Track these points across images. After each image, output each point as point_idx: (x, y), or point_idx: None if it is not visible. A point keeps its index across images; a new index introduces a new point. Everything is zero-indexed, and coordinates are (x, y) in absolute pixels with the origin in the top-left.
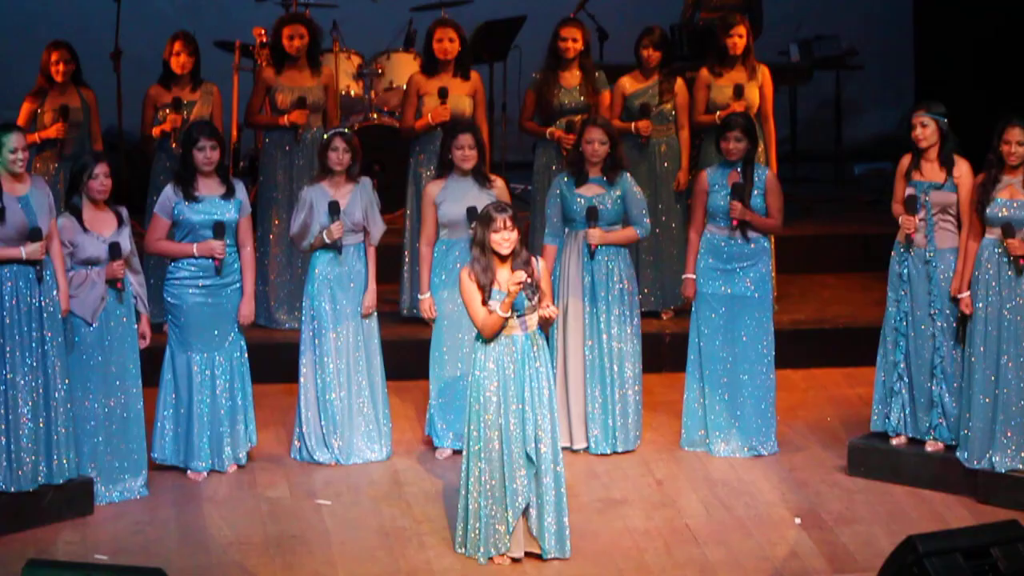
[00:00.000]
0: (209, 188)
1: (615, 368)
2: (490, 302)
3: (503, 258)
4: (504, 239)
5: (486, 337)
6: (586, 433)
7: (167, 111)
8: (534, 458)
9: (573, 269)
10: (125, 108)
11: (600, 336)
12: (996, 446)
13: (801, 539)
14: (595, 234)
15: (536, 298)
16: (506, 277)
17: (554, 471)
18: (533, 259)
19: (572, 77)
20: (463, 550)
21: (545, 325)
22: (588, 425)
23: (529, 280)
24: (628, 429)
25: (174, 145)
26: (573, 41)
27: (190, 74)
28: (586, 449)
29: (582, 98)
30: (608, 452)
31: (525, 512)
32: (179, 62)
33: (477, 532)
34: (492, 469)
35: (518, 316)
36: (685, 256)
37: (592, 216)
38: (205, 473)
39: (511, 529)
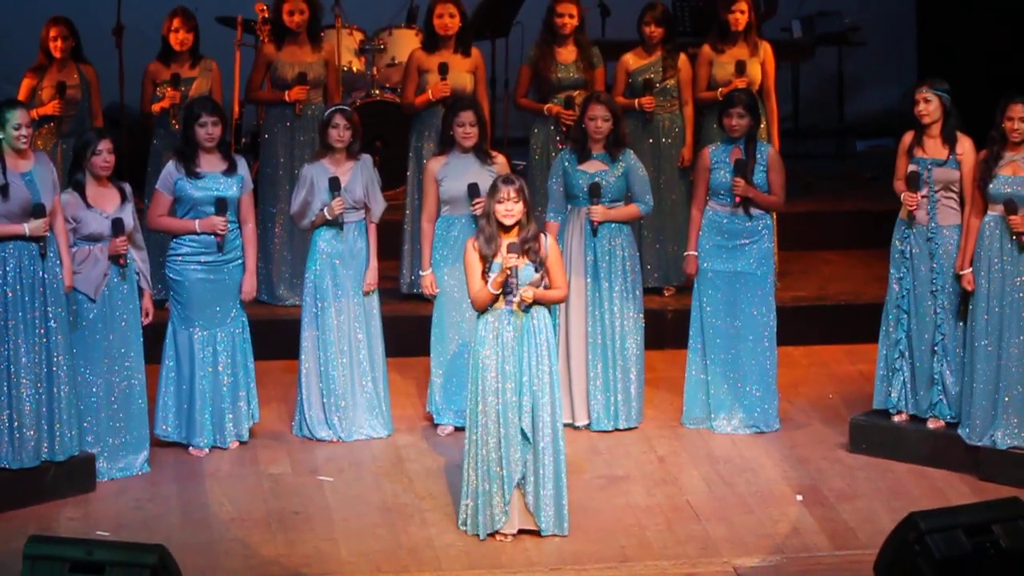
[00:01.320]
0: (211, 164)
1: (617, 345)
2: (490, 274)
3: (507, 229)
4: (507, 210)
5: (476, 309)
6: (588, 410)
7: (166, 88)
8: (528, 434)
9: (576, 246)
10: (127, 84)
11: (602, 313)
12: (998, 423)
13: (802, 516)
14: (598, 211)
15: (540, 275)
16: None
17: (554, 447)
18: (542, 235)
19: (568, 53)
20: (466, 527)
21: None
22: (590, 402)
23: (529, 260)
24: (630, 406)
25: (173, 122)
26: (569, 17)
27: (189, 50)
28: (588, 426)
29: (578, 74)
30: (610, 429)
31: (523, 488)
32: (178, 38)
33: (477, 508)
34: (489, 444)
35: (507, 296)
36: (687, 233)
37: (595, 192)
38: (207, 449)
39: (507, 505)
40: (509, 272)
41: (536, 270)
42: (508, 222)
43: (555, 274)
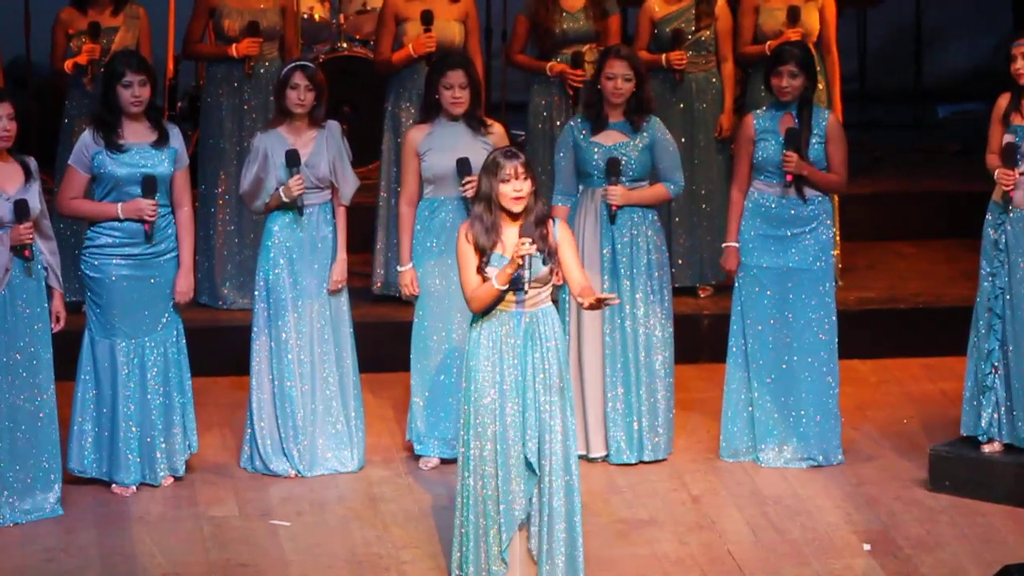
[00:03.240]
0: (137, 134)
1: (641, 359)
2: (488, 268)
3: (513, 216)
4: (516, 190)
5: (473, 311)
6: (605, 439)
7: (82, 39)
8: (534, 464)
9: (589, 236)
10: (35, 35)
11: (623, 319)
12: None
13: (871, 569)
14: (616, 192)
15: (550, 269)
16: (514, 240)
17: (566, 479)
18: (550, 220)
19: None
20: None
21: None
22: (608, 429)
23: (537, 250)
24: (657, 433)
25: (87, 82)
26: None
27: None
28: (605, 458)
29: (587, 24)
30: (633, 462)
31: (527, 530)
32: None
33: (468, 555)
34: (485, 476)
35: (517, 291)
36: (726, 219)
37: (613, 170)
38: (134, 487)
39: (506, 551)
40: (521, 263)
41: (545, 262)
42: (517, 207)
43: (570, 266)
